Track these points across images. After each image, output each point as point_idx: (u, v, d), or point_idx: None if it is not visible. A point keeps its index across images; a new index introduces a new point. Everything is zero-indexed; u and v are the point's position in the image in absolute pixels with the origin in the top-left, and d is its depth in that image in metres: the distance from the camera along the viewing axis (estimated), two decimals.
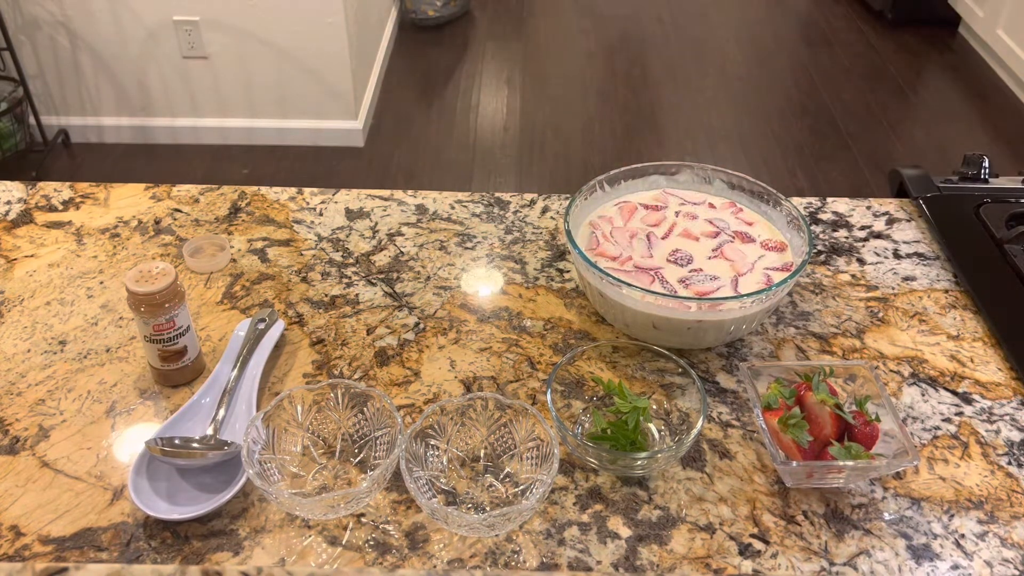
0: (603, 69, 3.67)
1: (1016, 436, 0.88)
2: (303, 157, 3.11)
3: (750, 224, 1.04)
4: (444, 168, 3.08)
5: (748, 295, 0.89)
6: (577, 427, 0.87)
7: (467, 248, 1.12)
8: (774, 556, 0.76)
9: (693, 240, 1.01)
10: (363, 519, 0.78)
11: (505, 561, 0.75)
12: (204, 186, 1.22)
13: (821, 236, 1.15)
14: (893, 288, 1.07)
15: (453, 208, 1.19)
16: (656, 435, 0.86)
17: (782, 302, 1.03)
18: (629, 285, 0.89)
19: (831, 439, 0.79)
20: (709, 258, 0.99)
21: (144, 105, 3.08)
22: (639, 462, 0.80)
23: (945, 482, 0.83)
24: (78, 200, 1.19)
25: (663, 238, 1.01)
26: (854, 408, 0.81)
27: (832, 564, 0.75)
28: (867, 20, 4.20)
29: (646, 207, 1.06)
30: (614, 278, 0.89)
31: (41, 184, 1.22)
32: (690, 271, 0.96)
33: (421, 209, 1.19)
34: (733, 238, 1.01)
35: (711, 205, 1.07)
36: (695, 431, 0.80)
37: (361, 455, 0.83)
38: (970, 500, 0.81)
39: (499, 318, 1.01)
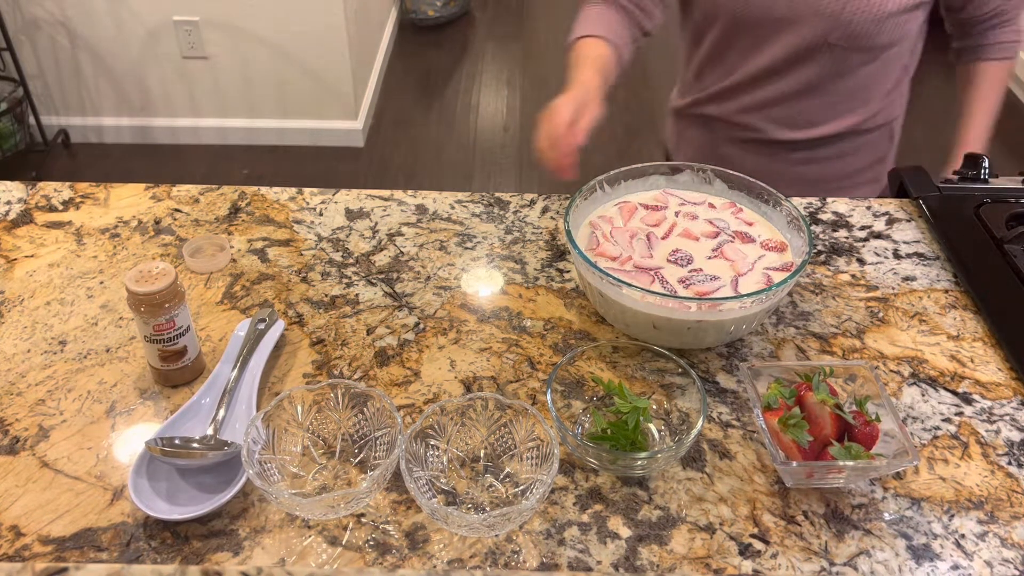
0: None
1: (1016, 436, 0.88)
2: (303, 157, 3.11)
3: (750, 224, 1.04)
4: (444, 168, 3.08)
5: (748, 295, 0.89)
6: (577, 427, 0.87)
7: (467, 248, 1.12)
8: (774, 556, 0.76)
9: (693, 240, 1.01)
10: (363, 519, 0.78)
11: (505, 561, 0.75)
12: (204, 186, 1.22)
13: (821, 236, 1.15)
14: (893, 288, 1.07)
15: (453, 208, 1.19)
16: (656, 435, 0.86)
17: (782, 302, 1.03)
18: (629, 285, 0.89)
19: (831, 439, 0.79)
20: (709, 258, 0.99)
21: (144, 105, 3.08)
22: (639, 462, 0.80)
23: (945, 482, 0.83)
24: (78, 200, 1.19)
25: (663, 238, 1.01)
26: (854, 408, 0.81)
27: (832, 564, 0.75)
28: None
29: (646, 207, 1.06)
30: (614, 278, 0.89)
31: (41, 184, 1.22)
32: (690, 271, 0.96)
33: (421, 209, 1.19)
34: (733, 238, 1.01)
35: (711, 205, 1.07)
36: (695, 431, 0.80)
37: (361, 455, 0.83)
38: (970, 500, 0.81)
39: (499, 318, 1.01)
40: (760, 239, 1.01)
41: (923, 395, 0.92)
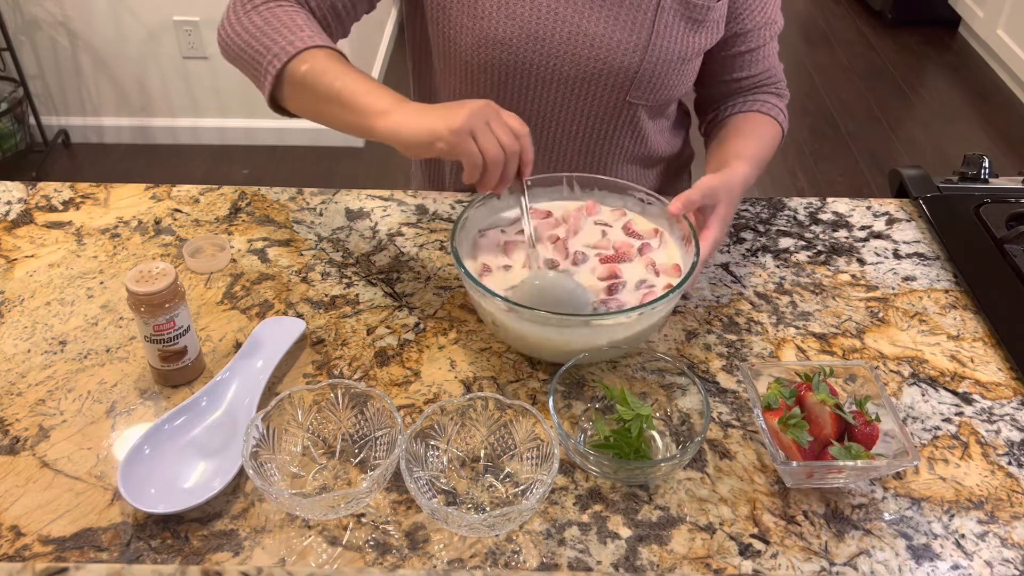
0: None
1: (1016, 436, 0.88)
2: (303, 157, 3.11)
3: (657, 274, 0.98)
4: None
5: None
6: (579, 431, 0.87)
7: None
8: (774, 556, 0.76)
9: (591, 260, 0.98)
10: (363, 519, 0.78)
11: (505, 561, 0.75)
12: (204, 186, 1.22)
13: (821, 236, 1.15)
14: (893, 288, 1.07)
15: (453, 208, 1.19)
16: (658, 440, 0.86)
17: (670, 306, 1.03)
18: (529, 308, 0.86)
19: (831, 439, 0.79)
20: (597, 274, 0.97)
21: (144, 105, 3.08)
22: (643, 472, 0.80)
23: (945, 482, 0.83)
24: (78, 200, 1.19)
25: (571, 260, 0.98)
26: (854, 408, 0.81)
27: (832, 564, 0.75)
28: (867, 20, 4.20)
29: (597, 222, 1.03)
30: (519, 304, 0.86)
31: (41, 184, 1.22)
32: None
33: (421, 209, 1.19)
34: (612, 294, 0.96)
35: (646, 244, 1.00)
36: (699, 439, 0.79)
37: (361, 455, 0.83)
38: (970, 500, 0.81)
39: None
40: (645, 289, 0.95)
41: (923, 395, 0.92)
